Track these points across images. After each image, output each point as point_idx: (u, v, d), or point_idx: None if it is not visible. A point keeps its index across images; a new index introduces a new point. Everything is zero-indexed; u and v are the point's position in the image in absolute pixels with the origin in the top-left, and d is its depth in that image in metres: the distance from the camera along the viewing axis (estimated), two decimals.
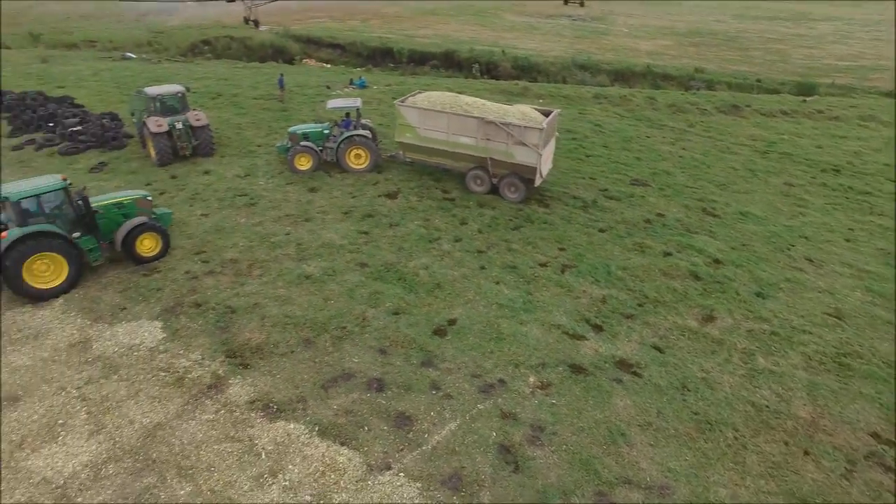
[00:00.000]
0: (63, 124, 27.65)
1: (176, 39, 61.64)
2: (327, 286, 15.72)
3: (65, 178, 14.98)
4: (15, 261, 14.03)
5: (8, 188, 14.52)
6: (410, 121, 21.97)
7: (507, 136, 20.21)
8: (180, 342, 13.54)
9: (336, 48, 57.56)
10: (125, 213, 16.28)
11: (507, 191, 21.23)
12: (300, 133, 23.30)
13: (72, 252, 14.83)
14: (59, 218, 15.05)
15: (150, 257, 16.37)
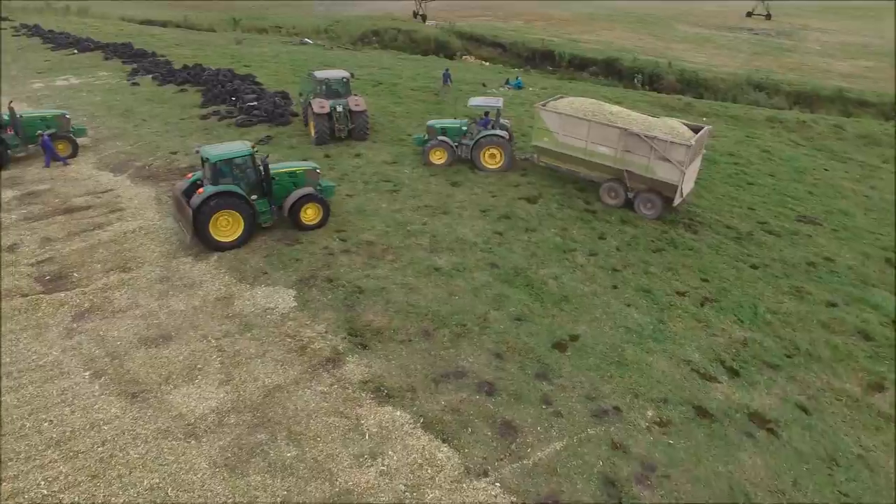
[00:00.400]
0: (243, 99, 30.57)
1: (349, 28, 65.84)
2: (454, 281, 15.74)
3: (253, 146, 16.70)
4: (205, 214, 16.03)
5: (207, 150, 16.64)
6: (549, 125, 21.42)
7: (650, 150, 19.01)
8: (309, 313, 14.27)
9: (497, 47, 57.97)
10: (295, 181, 17.83)
11: (642, 206, 20.03)
12: (438, 127, 23.60)
13: (249, 212, 16.62)
14: (242, 180, 16.79)
15: (311, 225, 17.75)
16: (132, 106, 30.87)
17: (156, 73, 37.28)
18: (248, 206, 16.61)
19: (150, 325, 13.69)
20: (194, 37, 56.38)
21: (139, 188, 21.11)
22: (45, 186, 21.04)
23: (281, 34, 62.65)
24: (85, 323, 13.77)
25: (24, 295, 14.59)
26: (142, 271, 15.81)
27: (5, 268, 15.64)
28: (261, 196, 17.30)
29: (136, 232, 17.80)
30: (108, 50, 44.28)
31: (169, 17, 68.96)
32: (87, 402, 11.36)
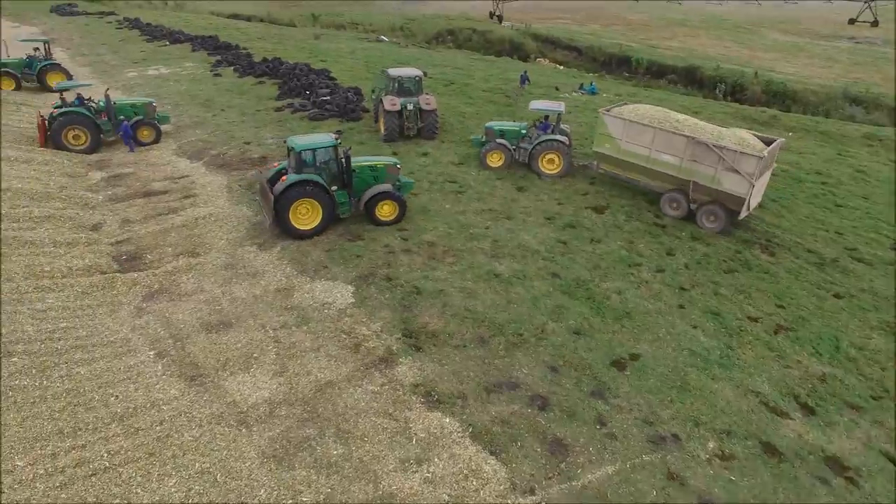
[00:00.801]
0: (317, 93, 31.26)
1: (424, 27, 66.30)
2: (514, 289, 15.40)
3: (336, 137, 17.08)
4: (286, 201, 16.55)
5: (294, 140, 17.16)
6: (613, 132, 20.73)
7: (718, 161, 18.20)
8: (365, 310, 14.29)
9: (572, 51, 56.88)
10: (376, 175, 18.11)
11: (705, 219, 19.19)
12: (497, 129, 23.20)
13: (328, 202, 17.03)
14: (324, 171, 17.18)
15: (387, 221, 17.97)
16: (213, 96, 32.13)
17: (237, 65, 38.72)
18: (328, 197, 16.99)
19: (213, 310, 14.08)
20: (275, 31, 58.28)
21: (213, 176, 21.87)
22: (129, 170, 22.14)
23: (358, 31, 63.85)
24: (153, 304, 14.32)
25: (102, 272, 15.33)
26: (209, 257, 16.32)
27: (87, 245, 16.50)
28: (341, 187, 17.63)
29: (206, 218, 18.40)
30: (195, 42, 46.40)
31: (254, 12, 71.61)
32: (150, 380, 11.76)
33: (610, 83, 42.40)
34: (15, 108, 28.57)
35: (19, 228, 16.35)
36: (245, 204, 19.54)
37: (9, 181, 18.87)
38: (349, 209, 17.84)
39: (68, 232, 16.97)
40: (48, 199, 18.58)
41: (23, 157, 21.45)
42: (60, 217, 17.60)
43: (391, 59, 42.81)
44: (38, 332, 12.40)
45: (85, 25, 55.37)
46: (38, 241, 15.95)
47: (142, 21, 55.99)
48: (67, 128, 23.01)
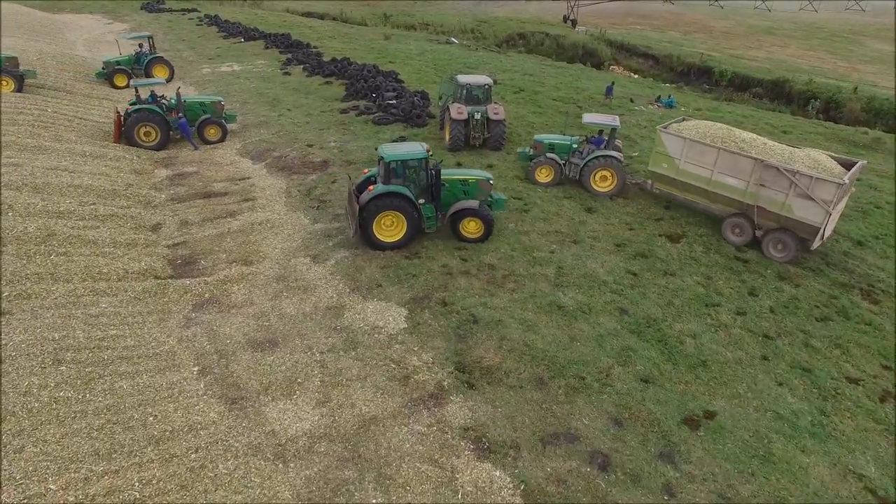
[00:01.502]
0: (383, 96, 30.76)
1: (495, 29, 65.18)
2: (577, 323, 14.21)
3: (428, 150, 16.37)
4: (372, 212, 16.08)
5: (384, 149, 16.47)
6: (671, 151, 19.27)
7: (790, 186, 16.69)
8: (418, 337, 13.46)
9: (648, 59, 54.42)
10: (466, 190, 17.28)
11: (771, 248, 17.69)
12: (546, 142, 21.89)
13: (413, 216, 16.35)
14: (413, 183, 16.48)
15: (471, 238, 17.25)
16: (280, 95, 32.22)
17: (306, 64, 38.85)
18: (414, 210, 16.39)
19: (260, 326, 13.59)
20: (346, 30, 58.61)
21: (273, 179, 21.63)
22: (193, 169, 22.21)
23: (428, 32, 63.41)
24: (202, 314, 13.98)
25: (156, 277, 15.17)
26: (261, 266, 15.91)
27: (146, 247, 16.43)
28: (429, 201, 16.96)
29: (263, 224, 18.07)
30: (268, 40, 47.07)
31: (327, 10, 72.49)
32: (190, 401, 11.32)
33: (688, 95, 40.03)
34: (97, 102, 29.47)
35: (84, 227, 16.44)
36: (302, 211, 19.13)
37: (80, 177, 19.15)
38: (435, 224, 17.14)
39: (129, 232, 16.98)
40: (114, 196, 18.74)
41: (97, 152, 21.84)
42: (123, 216, 17.66)
43: (460, 63, 41.99)
44: (87, 339, 12.20)
45: (168, 22, 57.32)
46: (99, 241, 15.97)
47: (220, 18, 57.47)
48: (140, 124, 23.34)
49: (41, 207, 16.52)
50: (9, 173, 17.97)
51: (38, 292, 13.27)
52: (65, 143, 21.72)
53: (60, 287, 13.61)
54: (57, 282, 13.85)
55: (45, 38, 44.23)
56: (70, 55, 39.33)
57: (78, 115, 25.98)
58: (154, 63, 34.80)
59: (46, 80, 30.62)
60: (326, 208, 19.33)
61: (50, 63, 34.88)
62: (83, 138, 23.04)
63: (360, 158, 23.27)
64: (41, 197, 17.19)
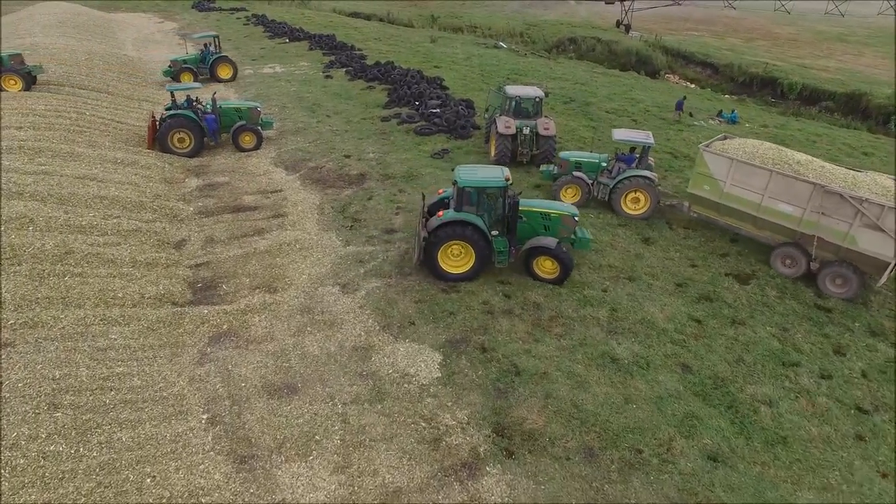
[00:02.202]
0: (426, 104, 29.38)
1: (545, 34, 63.08)
2: (633, 381, 12.46)
3: (507, 178, 14.70)
4: (439, 239, 14.69)
5: (460, 172, 14.98)
6: (715, 172, 17.34)
7: (855, 215, 15.00)
8: (453, 390, 11.95)
9: (706, 67, 51.46)
10: (547, 225, 15.61)
11: (829, 282, 15.97)
12: (573, 160, 20.02)
13: (484, 248, 14.90)
14: (488, 212, 15.06)
15: (546, 279, 15.44)
16: (320, 100, 31.21)
17: (349, 67, 37.84)
18: (485, 242, 14.87)
19: (279, 367, 12.32)
20: (392, 31, 57.57)
21: (306, 192, 20.48)
22: (224, 179, 21.27)
23: (476, 35, 61.83)
24: (218, 349, 12.81)
25: (174, 303, 14.11)
26: (286, 295, 14.68)
27: (166, 267, 15.42)
28: (503, 233, 15.38)
29: (292, 245, 16.88)
30: (313, 41, 46.34)
31: (374, 10, 71.70)
32: (195, 458, 10.10)
33: (752, 109, 37.30)
34: (136, 104, 29.03)
35: (105, 244, 15.54)
36: (335, 230, 17.88)
37: (108, 188, 18.37)
38: (507, 259, 15.40)
39: (151, 249, 16.01)
40: (140, 209, 17.86)
41: (129, 159, 21.13)
42: (147, 231, 16.73)
43: (508, 69, 40.30)
44: (91, 379, 11.14)
45: (216, 21, 57.39)
46: (118, 260, 15.03)
47: (267, 18, 57.23)
48: (173, 130, 22.57)
49: (63, 221, 15.70)
50: (37, 182, 17.28)
51: (45, 320, 12.31)
52: (98, 150, 21.05)
53: (70, 314, 12.63)
54: (68, 307, 12.90)
55: (96, 37, 44.52)
56: (118, 55, 39.35)
57: (115, 118, 25.46)
58: (219, 62, 34.76)
59: (90, 80, 30.39)
60: (360, 228, 18.04)
61: (97, 63, 34.83)
62: (117, 143, 22.39)
63: (398, 172, 21.95)
64: (65, 209, 16.41)
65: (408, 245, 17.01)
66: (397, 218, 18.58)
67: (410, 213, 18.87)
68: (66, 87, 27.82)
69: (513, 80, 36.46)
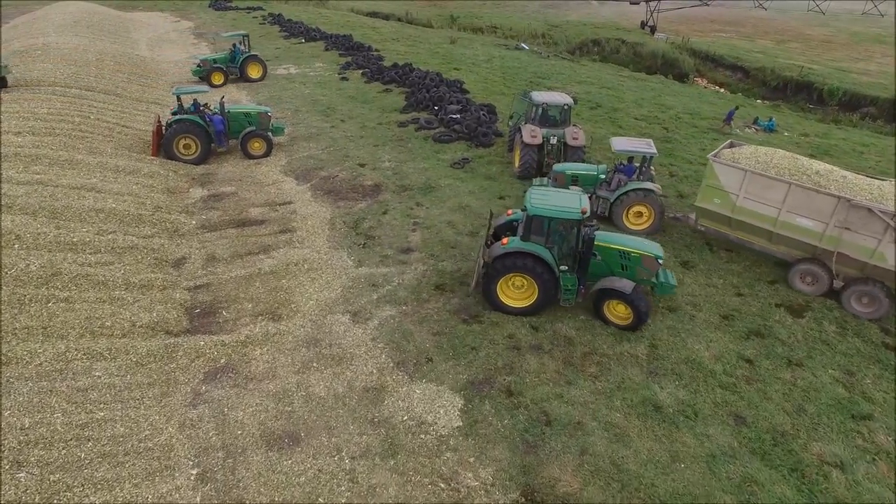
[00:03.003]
0: (445, 109, 27.95)
1: (568, 35, 61.34)
2: (680, 433, 10.94)
3: (584, 212, 12.86)
4: (498, 270, 13.31)
5: (532, 195, 13.41)
6: (726, 184, 15.86)
7: (885, 230, 13.73)
8: (475, 442, 10.52)
9: (737, 71, 49.43)
10: (626, 265, 13.81)
11: (855, 301, 14.74)
12: (568, 173, 18.37)
13: (549, 284, 13.33)
14: (558, 244, 13.50)
15: (616, 324, 13.64)
16: (335, 103, 29.93)
17: (366, 69, 36.56)
18: (552, 278, 13.31)
19: (281, 412, 10.97)
20: (410, 31, 56.24)
21: (317, 205, 19.16)
22: (231, 189, 20.02)
23: (496, 35, 60.30)
24: (214, 388, 11.49)
25: (168, 332, 12.83)
26: (291, 324, 13.34)
27: (162, 290, 14.16)
28: (572, 270, 13.75)
29: (300, 265, 15.57)
30: (329, 41, 45.17)
31: (392, 10, 70.46)
32: None
33: (789, 116, 35.30)
34: (144, 107, 27.99)
35: (96, 263, 14.33)
36: (346, 249, 16.54)
37: (106, 199, 17.20)
38: (574, 298, 13.70)
39: (147, 269, 14.78)
40: (139, 223, 16.65)
41: (131, 167, 19.98)
42: (144, 248, 15.51)
43: (530, 72, 38.74)
44: (66, 427, 9.88)
45: (232, 20, 56.52)
46: (110, 282, 13.80)
47: (283, 17, 56.21)
48: (179, 136, 21.39)
49: (52, 238, 14.52)
50: (28, 194, 16.15)
51: (21, 356, 11.07)
52: (98, 157, 19.93)
53: (50, 348, 11.40)
54: (49, 339, 11.67)
55: (109, 36, 43.77)
56: (130, 55, 38.49)
57: (121, 122, 24.39)
58: (249, 61, 33.91)
59: (99, 82, 29.43)
60: (374, 246, 16.68)
61: (108, 63, 33.95)
62: (120, 150, 21.26)
63: (415, 183, 20.57)
64: (56, 224, 15.24)
65: (425, 267, 15.63)
66: (414, 235, 17.20)
67: (428, 229, 17.48)
68: (73, 89, 26.82)
69: (536, 83, 34.92)
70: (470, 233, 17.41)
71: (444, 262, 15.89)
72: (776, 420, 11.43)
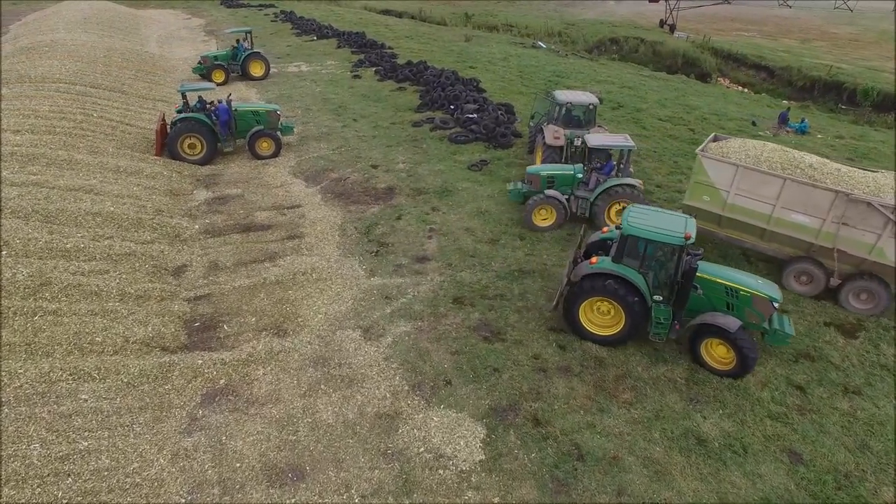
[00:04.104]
0: (462, 108, 26.85)
1: (585, 33, 60.02)
2: (728, 472, 9.75)
3: (687, 237, 11.07)
4: (582, 293, 12.07)
5: (629, 215, 11.88)
6: (716, 181, 14.94)
7: (885, 225, 13.16)
8: (500, 479, 9.40)
9: (761, 70, 47.89)
10: (733, 304, 11.83)
11: (853, 298, 14.22)
12: (543, 175, 17.06)
13: (638, 314, 11.89)
14: (654, 271, 11.99)
15: (715, 369, 11.84)
16: (347, 102, 28.91)
17: (379, 67, 35.55)
18: (642, 307, 11.87)
19: (284, 441, 9.91)
20: (424, 29, 55.19)
21: (327, 209, 18.13)
22: (237, 191, 19.04)
23: (512, 34, 59.09)
24: (212, 412, 10.46)
25: (163, 349, 11.82)
26: (297, 340, 12.29)
27: (160, 301, 13.17)
28: (667, 301, 12.00)
29: (307, 274, 14.53)
30: (342, 38, 44.23)
31: (405, 8, 69.45)
32: None
33: (819, 117, 33.76)
34: (150, 104, 27.12)
35: (90, 272, 13.36)
36: (357, 257, 15.49)
37: (104, 202, 16.27)
38: (666, 333, 12.04)
39: (144, 278, 13.79)
40: (138, 227, 15.70)
41: (132, 167, 19.06)
42: (142, 255, 14.53)
43: (549, 71, 37.52)
44: (43, 460, 8.87)
45: (244, 18, 55.78)
46: (104, 292, 12.82)
47: (295, 15, 55.37)
48: (184, 136, 20.44)
49: (44, 244, 13.57)
50: (22, 196, 15.23)
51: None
52: (99, 157, 19.02)
53: (33, 367, 10.42)
54: (32, 357, 10.69)
55: (119, 33, 43.13)
56: (139, 52, 37.72)
57: (125, 120, 23.51)
58: (251, 59, 32.88)
59: (105, 79, 28.60)
60: (387, 254, 15.62)
61: (116, 60, 33.17)
62: (122, 150, 20.34)
63: (430, 186, 19.48)
64: (49, 229, 14.29)
65: (442, 278, 14.53)
66: (430, 243, 16.11)
67: (445, 236, 16.39)
68: (78, 86, 25.98)
69: (554, 82, 33.70)
70: (490, 240, 16.30)
71: (462, 272, 14.79)
72: (837, 458, 10.20)
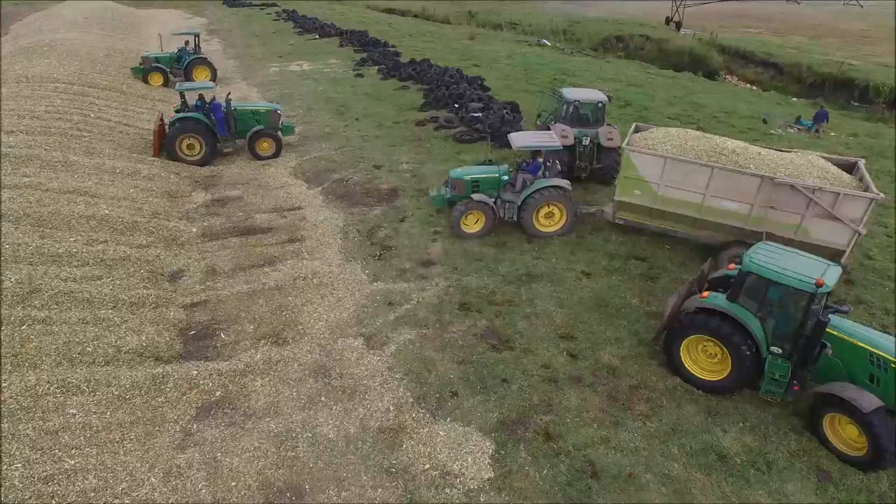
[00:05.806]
0: (466, 107, 26.28)
1: (589, 31, 59.44)
2: (752, 491, 9.20)
3: (819, 284, 9.59)
4: (684, 330, 11.12)
5: (756, 253, 10.59)
6: (645, 174, 14.80)
7: (807, 206, 13.45)
8: (510, 499, 8.88)
9: (769, 67, 47.21)
10: (876, 375, 9.79)
11: None
12: (467, 179, 16.24)
13: (749, 363, 10.55)
14: (776, 318, 10.48)
15: (840, 452, 9.93)
16: (349, 101, 28.40)
17: (382, 65, 35.02)
18: (753, 357, 10.49)
19: (283, 458, 9.40)
20: (428, 27, 54.69)
21: (328, 211, 17.62)
22: (237, 192, 18.55)
23: (516, 32, 58.52)
24: (207, 426, 9.95)
25: (157, 358, 11.32)
26: (297, 349, 11.77)
27: (155, 308, 12.67)
28: (788, 355, 10.40)
29: (308, 280, 14.01)
30: (344, 37, 43.72)
31: (409, 6, 68.93)
32: None
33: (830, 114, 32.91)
34: (149, 104, 26.68)
35: (82, 278, 12.87)
36: (360, 261, 14.97)
37: (99, 204, 15.79)
38: (782, 393, 10.51)
39: (139, 284, 13.30)
40: (133, 231, 15.22)
41: (130, 169, 18.59)
42: (137, 260, 14.04)
43: (555, 69, 36.94)
44: (24, 482, 8.37)
45: (246, 16, 55.40)
46: (96, 299, 12.33)
47: (298, 13, 54.90)
48: (182, 136, 19.96)
49: (34, 249, 13.09)
50: (13, 199, 14.76)
51: None
52: (95, 158, 18.55)
53: (18, 381, 9.92)
54: (18, 370, 10.19)
55: (119, 33, 42.80)
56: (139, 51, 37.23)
57: (123, 120, 23.06)
58: (196, 64, 30.79)
59: (103, 78, 28.20)
60: (390, 259, 15.10)
61: (116, 59, 32.81)
62: (119, 151, 19.87)
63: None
64: (40, 233, 13.82)
65: (447, 283, 14.00)
66: (435, 247, 15.58)
67: (450, 240, 15.84)
68: (76, 86, 25.56)
69: (560, 80, 33.11)
70: (496, 243, 15.76)
71: (468, 276, 14.26)
72: (868, 476, 9.62)
